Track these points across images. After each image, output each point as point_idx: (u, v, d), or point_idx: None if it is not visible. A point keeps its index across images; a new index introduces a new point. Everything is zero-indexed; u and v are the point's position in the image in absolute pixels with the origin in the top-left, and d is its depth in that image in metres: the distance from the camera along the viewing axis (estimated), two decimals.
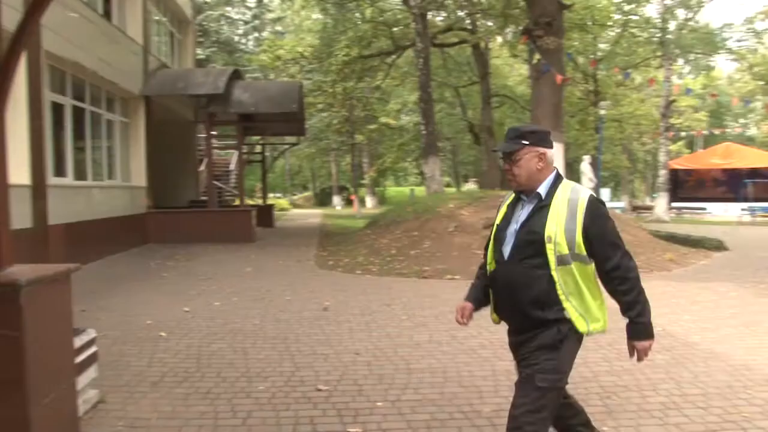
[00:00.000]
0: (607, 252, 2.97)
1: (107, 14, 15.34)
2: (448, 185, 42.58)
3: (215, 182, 20.12)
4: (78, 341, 4.42)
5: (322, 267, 12.40)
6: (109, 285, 9.96)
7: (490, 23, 25.00)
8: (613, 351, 5.89)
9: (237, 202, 21.49)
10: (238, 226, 17.12)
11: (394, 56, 26.45)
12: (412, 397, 4.82)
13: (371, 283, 10.35)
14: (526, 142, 3.05)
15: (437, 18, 27.41)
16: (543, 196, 3.04)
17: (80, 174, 13.51)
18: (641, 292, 2.98)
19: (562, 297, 2.94)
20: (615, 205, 39.24)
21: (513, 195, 3.20)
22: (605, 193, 39.55)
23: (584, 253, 2.95)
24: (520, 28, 16.88)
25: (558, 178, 3.08)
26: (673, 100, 32.48)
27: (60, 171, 12.31)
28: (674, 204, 31.89)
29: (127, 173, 16.46)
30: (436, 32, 25.73)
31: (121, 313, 7.90)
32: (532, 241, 2.97)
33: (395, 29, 25.68)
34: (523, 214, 3.07)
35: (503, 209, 3.22)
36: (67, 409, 4.04)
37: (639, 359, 3.06)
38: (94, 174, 14.33)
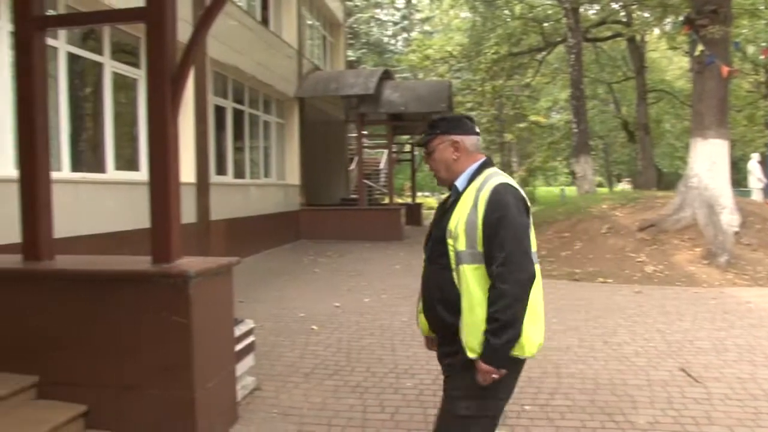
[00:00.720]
0: (492, 252, 2.47)
1: (265, 21, 16.08)
2: (600, 185, 41.03)
3: (365, 181, 20.54)
4: (238, 331, 4.65)
5: None
6: (265, 278, 10.43)
7: (646, 14, 23.76)
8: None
9: (386, 201, 21.80)
10: (387, 224, 17.34)
11: (544, 53, 25.85)
12: (561, 403, 4.68)
13: None
14: (438, 131, 2.74)
15: (590, 12, 26.42)
16: (460, 189, 2.68)
17: (239, 172, 14.28)
18: (508, 308, 2.42)
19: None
20: None
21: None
22: None
23: None
24: (681, 18, 15.89)
25: (482, 168, 2.69)
26: None
27: (221, 170, 13.06)
28: None
29: (282, 172, 17.20)
30: (589, 26, 24.85)
31: (275, 305, 8.25)
32: (440, 238, 2.66)
33: (546, 25, 25.09)
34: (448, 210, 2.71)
35: (438, 207, 2.91)
36: (228, 393, 4.26)
37: (481, 382, 2.53)
38: (251, 172, 15.09)
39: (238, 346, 4.62)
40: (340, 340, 6.52)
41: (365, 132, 21.08)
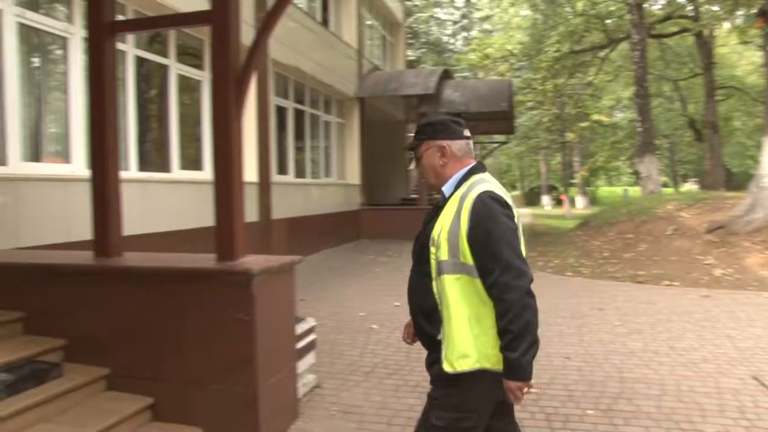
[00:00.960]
0: (486, 263, 2.38)
1: (325, 22, 16.22)
2: (665, 185, 40.04)
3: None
4: (299, 328, 4.71)
5: (532, 267, 12.14)
6: (325, 277, 10.53)
7: (715, 8, 23.06)
8: None
9: None
10: None
11: (607, 50, 25.36)
12: (625, 408, 4.58)
13: (582, 285, 9.99)
14: (424, 136, 2.66)
15: (654, 7, 25.82)
16: (446, 195, 2.60)
17: (300, 172, 14.45)
18: (517, 318, 2.33)
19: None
20: None
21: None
22: None
23: (470, 263, 2.42)
24: (754, 10, 15.36)
25: (470, 173, 2.59)
26: None
27: (282, 169, 13.24)
28: None
29: (342, 171, 17.33)
30: (654, 22, 24.24)
31: (335, 304, 8.32)
32: (424, 245, 2.59)
33: (608, 22, 24.60)
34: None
35: (431, 210, 2.79)
36: (289, 390, 4.32)
37: (513, 401, 2.47)
38: (312, 172, 15.25)
39: (300, 344, 4.68)
40: (399, 339, 6.51)
41: None
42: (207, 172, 9.94)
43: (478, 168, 2.62)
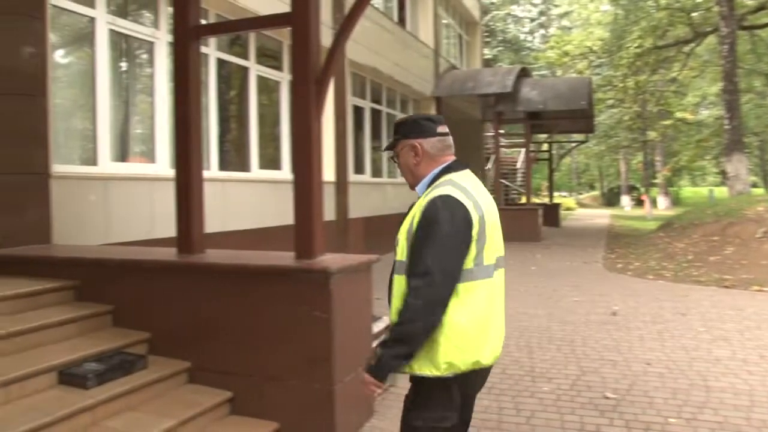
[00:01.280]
0: (412, 265, 2.33)
1: (401, 21, 16.26)
2: (754, 186, 38.41)
3: (502, 180, 20.34)
4: (375, 327, 4.74)
5: (611, 270, 11.89)
6: None
7: None
8: None
9: (523, 201, 21.50)
10: (524, 224, 17.08)
11: (692, 44, 24.50)
12: (710, 418, 4.40)
13: (664, 289, 9.67)
14: (399, 136, 2.58)
15: None
16: (419, 195, 2.52)
17: (376, 171, 14.53)
18: (407, 324, 2.27)
19: None
20: None
21: None
22: None
23: None
24: None
25: (442, 173, 2.50)
26: None
27: (359, 168, 13.35)
28: None
29: None
30: (744, 13, 23.19)
31: None
32: (395, 245, 2.50)
33: (694, 14, 23.74)
34: None
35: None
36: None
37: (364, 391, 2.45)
38: (388, 171, 15.31)
39: (375, 343, 4.70)
40: None
41: (502, 131, 20.87)
42: (285, 172, 10.13)
43: (453, 167, 2.54)
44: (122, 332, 4.33)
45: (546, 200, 28.06)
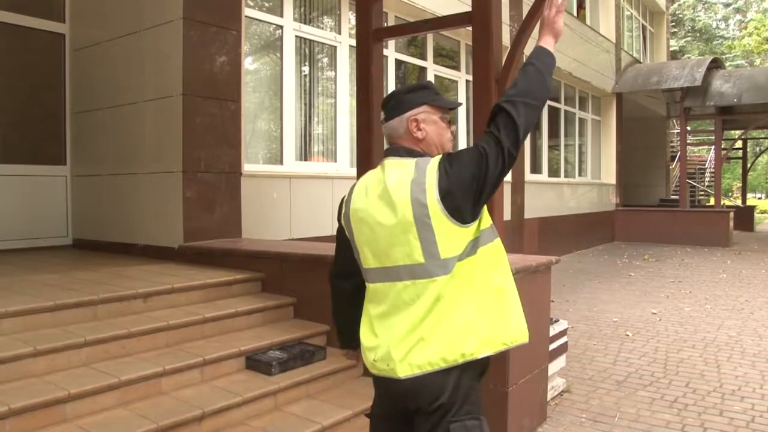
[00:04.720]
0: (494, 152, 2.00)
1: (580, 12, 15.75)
2: None
3: (688, 181, 19.13)
4: (552, 330, 4.62)
5: None
6: (577, 279, 10.24)
7: None
8: None
9: (711, 203, 20.12)
10: (712, 228, 16.03)
11: None
12: None
13: None
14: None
15: None
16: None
17: (553, 171, 14.20)
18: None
19: None
20: None
21: None
22: None
23: None
24: None
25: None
26: None
27: (535, 168, 13.11)
28: None
29: (597, 170, 16.74)
30: None
31: (587, 307, 8.05)
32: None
33: None
34: None
35: None
36: (538, 392, 4.26)
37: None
38: (565, 171, 14.91)
39: (552, 346, 4.59)
40: (656, 349, 6.14)
41: (689, 128, 19.62)
42: None
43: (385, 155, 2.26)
44: (302, 324, 4.55)
45: (738, 202, 26.03)
